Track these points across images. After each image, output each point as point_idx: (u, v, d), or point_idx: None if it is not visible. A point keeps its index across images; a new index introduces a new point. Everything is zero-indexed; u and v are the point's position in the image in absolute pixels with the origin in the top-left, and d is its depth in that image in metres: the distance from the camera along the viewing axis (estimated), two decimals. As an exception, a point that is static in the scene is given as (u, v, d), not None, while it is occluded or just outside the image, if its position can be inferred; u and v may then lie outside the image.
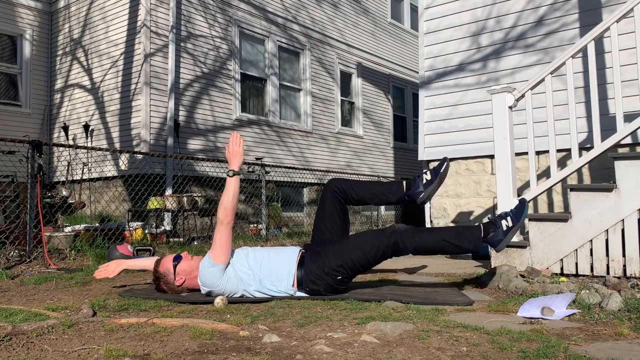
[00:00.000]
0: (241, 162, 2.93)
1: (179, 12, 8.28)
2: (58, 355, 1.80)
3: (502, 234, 2.80)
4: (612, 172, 3.24)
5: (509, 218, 2.84)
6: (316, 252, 2.86)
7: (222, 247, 2.75)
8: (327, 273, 2.79)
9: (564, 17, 5.34)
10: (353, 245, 2.84)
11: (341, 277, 2.82)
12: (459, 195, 5.96)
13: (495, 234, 2.80)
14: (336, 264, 2.79)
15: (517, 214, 2.86)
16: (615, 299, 2.45)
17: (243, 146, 2.96)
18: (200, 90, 8.52)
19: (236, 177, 2.84)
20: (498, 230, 2.80)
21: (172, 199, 6.74)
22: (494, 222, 2.84)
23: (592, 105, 3.40)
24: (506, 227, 2.81)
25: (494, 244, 2.81)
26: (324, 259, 2.81)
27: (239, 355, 1.77)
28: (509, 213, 2.88)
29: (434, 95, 6.18)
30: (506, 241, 2.80)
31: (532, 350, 1.76)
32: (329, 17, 11.20)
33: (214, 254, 2.76)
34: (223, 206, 2.77)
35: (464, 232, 2.86)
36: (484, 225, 2.85)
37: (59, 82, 9.37)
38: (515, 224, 2.82)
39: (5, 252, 4.60)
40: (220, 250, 2.75)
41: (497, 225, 2.82)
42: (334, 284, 2.82)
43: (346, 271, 2.81)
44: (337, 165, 10.97)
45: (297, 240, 6.84)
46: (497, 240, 2.80)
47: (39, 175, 4.73)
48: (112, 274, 3.16)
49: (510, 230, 2.81)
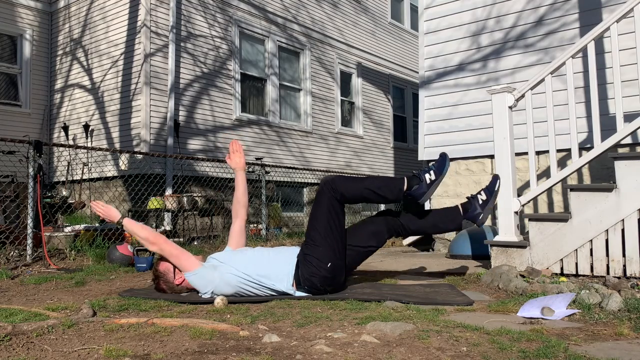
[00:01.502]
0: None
1: (179, 12, 8.28)
2: (58, 355, 1.80)
3: (425, 186, 2.94)
4: (612, 172, 3.24)
5: (432, 172, 2.97)
6: (307, 249, 2.89)
7: (180, 258, 2.88)
8: (318, 265, 2.82)
9: (564, 17, 5.34)
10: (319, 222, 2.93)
11: (331, 264, 2.83)
12: (458, 195, 5.95)
13: (419, 187, 2.94)
14: (321, 251, 2.84)
15: (438, 167, 2.99)
16: (615, 299, 2.45)
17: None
18: (200, 90, 8.52)
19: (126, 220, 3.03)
20: (422, 184, 2.94)
21: (172, 199, 6.74)
22: (417, 175, 2.97)
23: (592, 105, 3.40)
24: (429, 180, 2.95)
25: (418, 196, 2.94)
26: (312, 251, 2.85)
27: (239, 355, 1.77)
28: (432, 167, 3.00)
29: (434, 95, 6.18)
30: (429, 194, 2.94)
31: (532, 350, 1.76)
32: (329, 17, 11.20)
33: (183, 268, 2.88)
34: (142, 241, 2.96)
35: (388, 184, 3.00)
36: (408, 179, 2.98)
37: (59, 82, 9.37)
38: (438, 177, 2.96)
39: (5, 252, 4.60)
40: (181, 262, 2.88)
41: (421, 179, 2.95)
42: (328, 274, 2.83)
43: (330, 253, 2.84)
44: (337, 165, 10.97)
45: (297, 240, 6.84)
46: (420, 192, 2.94)
47: (39, 175, 4.73)
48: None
49: (433, 183, 2.94)
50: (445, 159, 3.02)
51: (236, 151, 3.26)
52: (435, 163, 3.02)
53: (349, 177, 3.05)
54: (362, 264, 4.56)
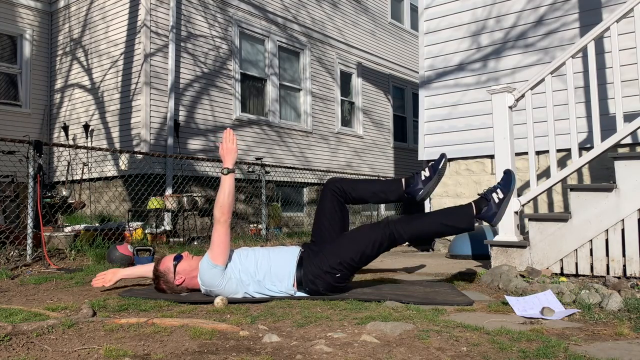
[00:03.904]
0: (235, 159, 2.93)
1: (179, 12, 8.28)
2: (58, 355, 1.80)
3: (495, 206, 2.80)
4: (612, 172, 3.24)
5: (499, 190, 2.84)
6: (314, 252, 2.86)
7: (221, 246, 2.74)
8: (326, 272, 2.79)
9: (564, 17, 5.34)
10: (350, 241, 2.84)
11: (340, 275, 2.82)
12: (458, 195, 5.95)
13: (489, 208, 2.80)
14: (334, 262, 2.79)
15: (505, 184, 2.86)
16: (615, 299, 2.45)
17: (236, 143, 2.97)
18: (200, 90, 8.52)
19: (231, 175, 2.85)
20: (490, 204, 2.81)
21: (172, 199, 6.74)
22: (484, 197, 2.84)
23: (592, 105, 3.40)
24: (498, 199, 2.81)
25: (489, 218, 2.80)
26: (322, 257, 2.81)
27: (239, 355, 1.77)
28: (498, 185, 2.87)
29: (433, 95, 6.18)
30: (500, 213, 2.80)
31: (532, 350, 1.76)
32: (329, 17, 11.20)
33: (213, 254, 2.75)
34: (219, 205, 2.77)
35: (457, 212, 2.87)
36: (476, 202, 2.85)
37: (59, 82, 9.37)
38: (506, 195, 2.82)
39: (5, 252, 4.60)
40: (219, 250, 2.75)
41: (488, 199, 2.82)
42: (333, 282, 2.82)
43: (344, 268, 2.81)
44: (338, 165, 10.97)
45: (297, 240, 6.84)
46: (491, 214, 2.80)
47: (39, 175, 4.73)
48: (108, 283, 3.14)
49: (502, 201, 2.80)
50: (510, 175, 2.90)
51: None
52: (501, 181, 2.91)
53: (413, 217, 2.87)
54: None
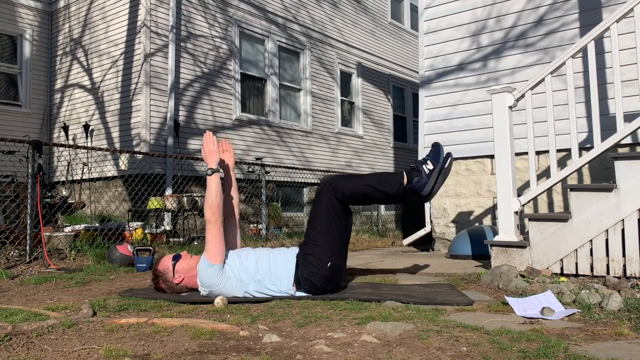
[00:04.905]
0: (217, 160, 3.00)
1: (179, 12, 8.28)
2: (58, 355, 1.80)
3: (425, 177, 2.92)
4: (612, 172, 3.24)
5: (429, 161, 2.95)
6: (307, 249, 2.89)
7: (216, 246, 2.77)
8: (316, 265, 2.81)
9: (564, 17, 5.34)
10: (313, 222, 2.93)
11: (331, 263, 2.84)
12: (458, 195, 5.96)
13: (420, 179, 2.92)
14: (317, 251, 2.83)
15: (434, 156, 2.97)
16: (615, 299, 2.45)
17: (216, 144, 3.03)
18: (200, 90, 8.51)
19: (216, 175, 2.91)
20: (421, 175, 2.92)
21: (172, 198, 6.74)
22: (416, 167, 2.95)
23: (592, 105, 3.40)
24: (428, 170, 2.93)
25: (419, 188, 2.91)
26: (312, 250, 2.85)
27: (239, 355, 1.77)
28: (428, 157, 2.98)
29: (433, 95, 6.18)
30: (430, 183, 2.91)
31: (532, 350, 1.76)
32: (328, 17, 11.19)
33: (208, 254, 2.78)
34: (208, 205, 2.82)
35: (389, 179, 2.97)
36: (407, 172, 2.95)
37: (59, 82, 9.37)
38: (436, 166, 2.93)
39: (5, 252, 4.60)
40: (214, 249, 2.78)
41: (420, 170, 2.93)
42: (328, 274, 2.84)
43: (327, 252, 2.83)
44: (338, 165, 10.97)
45: (297, 240, 6.84)
46: (422, 184, 2.91)
47: (39, 175, 4.73)
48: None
49: (432, 172, 2.92)
50: (439, 147, 3.00)
51: (226, 150, 3.26)
52: (430, 153, 3.01)
53: (349, 175, 3.05)
54: (362, 264, 4.56)
